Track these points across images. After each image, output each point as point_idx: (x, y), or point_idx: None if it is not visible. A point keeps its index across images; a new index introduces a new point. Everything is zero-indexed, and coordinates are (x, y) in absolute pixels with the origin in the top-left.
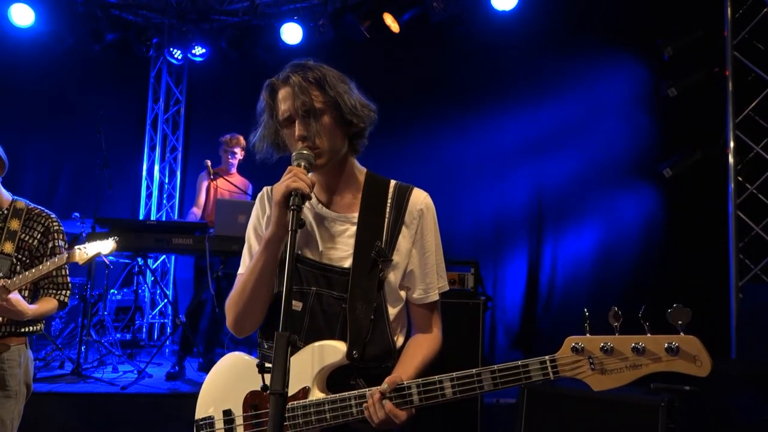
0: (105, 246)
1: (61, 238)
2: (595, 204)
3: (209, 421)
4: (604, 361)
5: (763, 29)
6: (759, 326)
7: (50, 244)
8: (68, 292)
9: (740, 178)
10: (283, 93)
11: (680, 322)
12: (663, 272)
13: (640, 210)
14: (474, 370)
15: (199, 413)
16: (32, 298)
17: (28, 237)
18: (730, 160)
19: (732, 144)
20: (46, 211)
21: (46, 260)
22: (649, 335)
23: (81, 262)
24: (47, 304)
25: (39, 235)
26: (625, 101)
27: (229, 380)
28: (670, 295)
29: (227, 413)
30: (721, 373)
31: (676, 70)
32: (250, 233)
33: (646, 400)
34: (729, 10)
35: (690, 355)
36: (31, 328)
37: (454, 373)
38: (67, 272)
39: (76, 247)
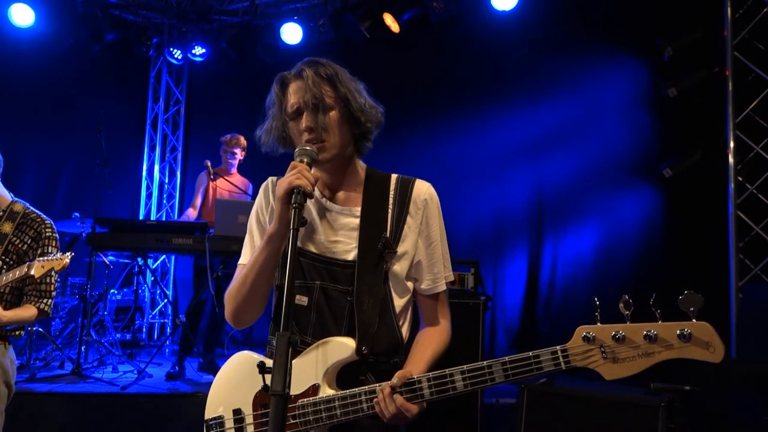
0: (58, 262)
1: (53, 245)
2: (595, 204)
3: (219, 421)
4: (616, 350)
5: (763, 29)
6: (759, 326)
7: (40, 251)
8: (50, 300)
9: (740, 178)
10: (293, 86)
11: (692, 309)
12: (663, 272)
13: (640, 210)
14: (485, 362)
15: (209, 413)
16: (16, 304)
17: (18, 241)
18: (730, 160)
19: (732, 144)
20: (42, 216)
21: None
22: (660, 322)
23: (36, 276)
24: (26, 312)
25: (29, 240)
26: (625, 101)
27: (238, 379)
28: (670, 294)
29: (237, 412)
30: (721, 373)
31: (676, 70)
32: (252, 222)
33: (646, 400)
34: (729, 10)
35: (702, 341)
36: (12, 331)
37: (464, 366)
38: (53, 280)
39: (37, 260)
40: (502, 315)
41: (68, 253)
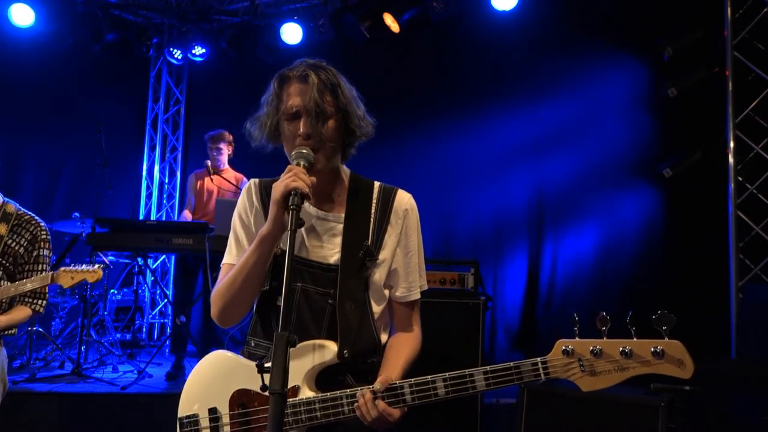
0: (92, 274)
1: (46, 247)
2: (595, 204)
3: (194, 419)
4: (594, 363)
5: (763, 29)
6: (759, 326)
7: (35, 253)
8: (44, 302)
9: (740, 178)
10: (295, 87)
11: (664, 328)
12: (663, 272)
13: (640, 210)
14: (467, 370)
15: (183, 411)
16: (9, 305)
17: (14, 243)
18: (730, 160)
19: (732, 144)
20: (36, 218)
21: (29, 268)
22: (635, 339)
23: (66, 286)
24: (20, 313)
25: (25, 242)
26: (625, 101)
27: (213, 378)
28: (670, 295)
29: (213, 411)
30: (721, 373)
31: (676, 70)
32: (236, 223)
33: (646, 400)
34: (729, 10)
35: (674, 358)
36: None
37: (447, 373)
38: None
39: (62, 269)
40: (502, 315)
41: (99, 266)
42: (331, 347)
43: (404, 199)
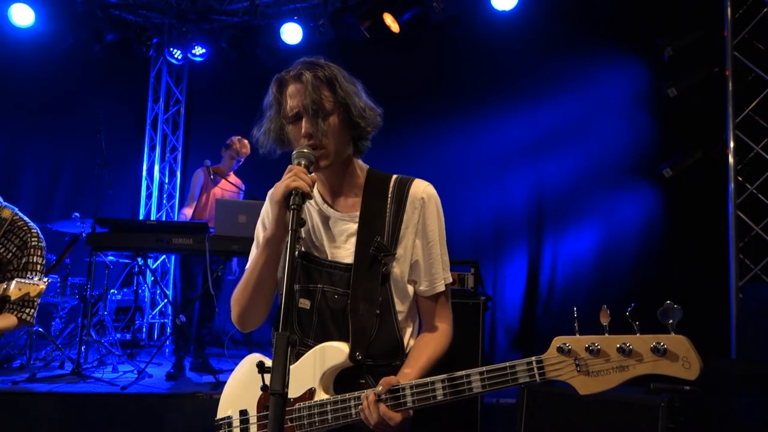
0: (34, 287)
1: (38, 254)
2: (595, 204)
3: (228, 421)
4: (590, 363)
5: (763, 29)
6: (759, 326)
7: (24, 260)
8: (32, 310)
9: (740, 178)
10: (292, 89)
11: (671, 321)
12: (663, 272)
13: (640, 210)
14: (464, 371)
15: (220, 413)
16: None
17: (3, 249)
18: (730, 160)
19: (732, 144)
20: (30, 224)
21: (18, 275)
22: (637, 335)
23: (13, 297)
24: (3, 321)
25: (14, 248)
26: (625, 101)
27: (247, 381)
28: (669, 295)
29: (243, 413)
30: (721, 373)
31: (676, 70)
32: (258, 230)
33: (646, 400)
34: (729, 10)
35: (677, 356)
36: None
37: (444, 375)
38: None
39: (16, 280)
40: (502, 315)
41: (46, 279)
42: (344, 349)
43: (420, 187)
